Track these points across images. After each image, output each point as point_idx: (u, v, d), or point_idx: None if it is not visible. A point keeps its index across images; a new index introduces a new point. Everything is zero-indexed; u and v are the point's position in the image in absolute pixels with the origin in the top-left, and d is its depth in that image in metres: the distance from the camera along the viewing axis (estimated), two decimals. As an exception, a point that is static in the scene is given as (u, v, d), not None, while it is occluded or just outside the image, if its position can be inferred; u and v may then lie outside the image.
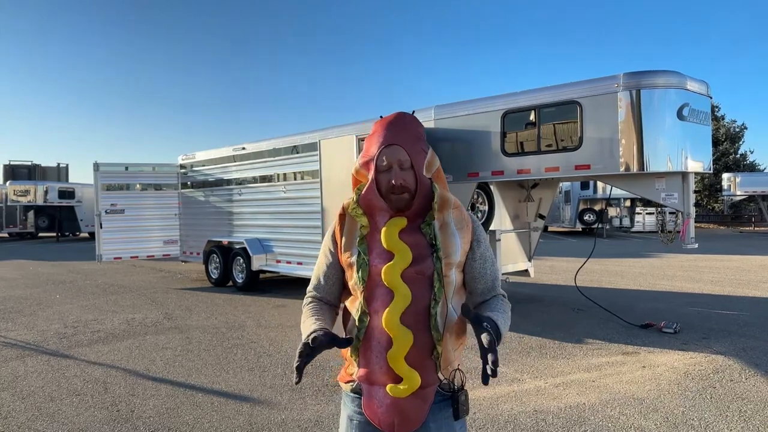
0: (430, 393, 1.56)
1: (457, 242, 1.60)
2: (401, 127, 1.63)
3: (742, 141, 36.58)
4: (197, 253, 11.00)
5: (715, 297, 8.51)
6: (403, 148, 1.59)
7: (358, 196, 1.65)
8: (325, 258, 1.72)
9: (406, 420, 1.53)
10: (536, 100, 6.25)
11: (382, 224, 1.61)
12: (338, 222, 1.68)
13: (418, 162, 1.60)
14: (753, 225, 29.84)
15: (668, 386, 4.47)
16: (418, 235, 1.59)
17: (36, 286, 10.84)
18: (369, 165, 1.63)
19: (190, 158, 11.38)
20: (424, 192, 1.60)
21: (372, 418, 1.57)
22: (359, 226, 1.64)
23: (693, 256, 14.16)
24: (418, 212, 1.61)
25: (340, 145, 8.05)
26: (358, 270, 1.59)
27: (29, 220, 27.01)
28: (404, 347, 1.52)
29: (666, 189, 5.83)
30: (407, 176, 1.58)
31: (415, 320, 1.53)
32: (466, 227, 1.63)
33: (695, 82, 5.93)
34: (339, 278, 1.71)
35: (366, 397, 1.59)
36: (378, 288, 1.57)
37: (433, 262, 1.56)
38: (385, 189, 1.59)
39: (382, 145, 1.60)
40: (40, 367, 5.29)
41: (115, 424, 3.89)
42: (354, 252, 1.62)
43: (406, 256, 1.55)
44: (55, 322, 7.35)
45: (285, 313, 7.71)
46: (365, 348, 1.58)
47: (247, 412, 4.08)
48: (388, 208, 1.61)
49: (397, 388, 1.53)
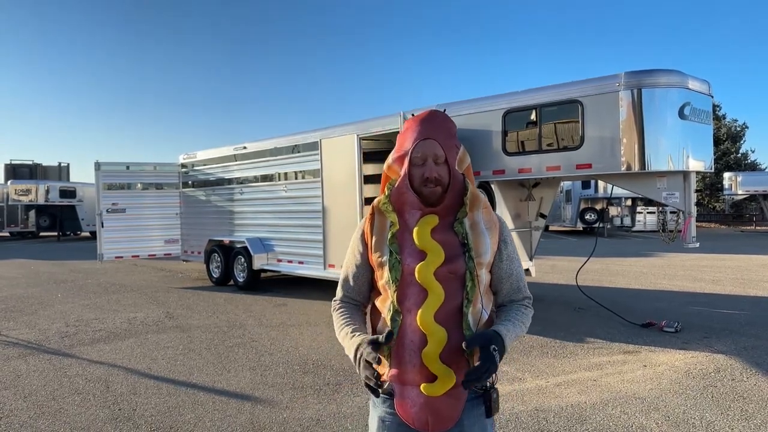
0: (464, 391, 1.56)
1: (487, 242, 1.61)
2: (436, 122, 1.65)
3: (743, 140, 36.56)
4: (198, 252, 11.00)
5: (716, 296, 8.51)
6: (438, 143, 1.60)
7: (390, 191, 1.65)
8: (353, 258, 1.72)
9: (440, 418, 1.54)
10: (537, 100, 6.25)
11: (412, 223, 1.61)
12: (368, 221, 1.68)
13: (452, 156, 1.61)
14: (754, 224, 29.81)
15: (669, 385, 4.47)
16: (450, 234, 1.60)
17: (37, 285, 10.86)
18: (403, 159, 1.63)
19: (191, 157, 11.38)
20: (456, 187, 1.61)
21: (405, 418, 1.57)
22: (389, 225, 1.64)
23: (694, 255, 14.15)
24: (449, 208, 1.61)
25: (341, 145, 8.05)
26: (391, 269, 1.59)
27: (30, 219, 27.03)
28: (439, 345, 1.52)
29: (667, 188, 5.83)
30: (441, 170, 1.59)
31: (447, 319, 1.54)
32: (494, 228, 1.64)
33: (696, 81, 5.93)
34: (368, 278, 1.71)
35: (398, 397, 1.59)
36: (410, 287, 1.57)
37: (465, 262, 1.57)
38: (419, 182, 1.59)
39: (418, 139, 1.61)
40: (42, 366, 5.30)
41: (117, 422, 3.90)
42: (385, 251, 1.61)
43: (439, 255, 1.56)
44: (57, 321, 7.36)
45: (286, 312, 7.72)
46: (397, 347, 1.58)
47: (248, 410, 4.08)
48: (419, 203, 1.61)
49: (432, 387, 1.53)
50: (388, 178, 1.70)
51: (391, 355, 1.59)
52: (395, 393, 1.60)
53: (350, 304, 1.75)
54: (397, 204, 1.63)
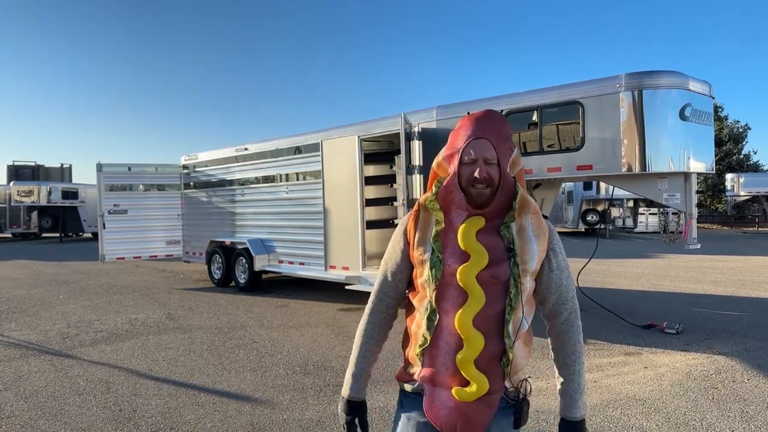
0: (496, 399, 1.53)
1: (534, 249, 1.55)
2: (490, 122, 1.59)
3: (745, 141, 36.61)
4: (200, 253, 11.01)
5: (717, 298, 8.50)
6: (490, 143, 1.55)
7: (437, 189, 1.60)
8: (394, 253, 1.67)
9: (469, 424, 1.51)
10: (538, 101, 6.25)
11: (458, 223, 1.56)
12: (413, 217, 1.63)
13: (504, 158, 1.56)
14: (756, 225, 29.76)
15: (670, 387, 4.46)
16: (495, 238, 1.54)
17: (39, 286, 10.88)
18: (453, 157, 1.58)
19: (193, 159, 11.40)
20: (506, 189, 1.55)
21: (434, 421, 1.54)
22: (434, 222, 1.59)
23: (695, 256, 14.12)
24: (497, 211, 1.55)
25: (342, 146, 8.05)
26: (432, 268, 1.54)
27: (33, 220, 27.08)
28: (476, 350, 1.49)
29: (668, 189, 5.83)
30: (492, 171, 1.53)
31: (486, 324, 1.50)
32: (543, 235, 1.58)
33: (697, 82, 5.93)
34: (407, 275, 1.67)
35: (428, 398, 1.55)
36: (450, 288, 1.53)
37: (510, 267, 1.52)
38: (467, 181, 1.54)
39: (470, 137, 1.56)
40: (43, 366, 5.31)
41: (118, 423, 3.90)
42: (428, 249, 1.57)
43: (483, 258, 1.51)
44: (58, 322, 7.38)
45: (287, 313, 7.73)
46: (432, 348, 1.54)
47: (248, 412, 4.09)
48: (466, 204, 1.55)
49: (464, 392, 1.50)
50: (436, 176, 1.64)
51: (425, 354, 1.56)
52: (425, 393, 1.56)
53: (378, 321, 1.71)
54: (444, 203, 1.58)
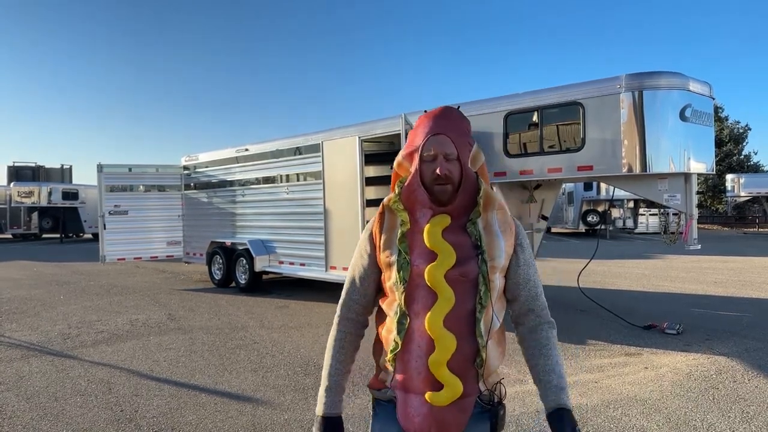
0: (470, 403, 1.49)
1: (501, 245, 1.53)
2: (448, 119, 1.56)
3: (745, 142, 36.62)
4: (200, 254, 11.02)
5: (718, 298, 8.50)
6: (449, 139, 1.52)
7: (400, 189, 1.57)
8: (360, 258, 1.64)
9: (444, 429, 1.47)
10: (539, 101, 6.26)
11: (423, 223, 1.53)
12: (377, 220, 1.60)
13: (464, 154, 1.53)
14: (757, 226, 29.73)
15: (671, 387, 4.46)
16: (462, 236, 1.51)
17: (40, 286, 10.88)
18: (413, 156, 1.56)
19: (193, 159, 11.41)
20: (468, 185, 1.53)
21: (407, 428, 1.49)
22: (399, 224, 1.56)
23: (696, 257, 14.12)
24: (462, 208, 1.53)
25: (343, 147, 8.05)
26: (399, 270, 1.51)
27: (33, 221, 27.08)
28: (448, 352, 1.44)
29: (668, 190, 5.83)
30: (452, 167, 1.51)
31: (457, 325, 1.46)
32: (510, 230, 1.57)
33: (698, 83, 5.93)
34: (375, 280, 1.62)
35: (401, 405, 1.51)
36: (419, 289, 1.49)
37: (478, 265, 1.49)
38: (429, 180, 1.51)
39: (429, 134, 1.53)
40: (45, 367, 5.32)
41: (119, 423, 3.91)
42: (394, 251, 1.53)
43: (450, 257, 1.48)
44: (59, 322, 7.38)
45: (288, 313, 7.73)
46: (404, 352, 1.50)
47: (249, 412, 4.09)
48: (430, 202, 1.53)
49: (437, 396, 1.45)
50: (398, 176, 1.62)
51: (396, 360, 1.52)
52: (398, 401, 1.52)
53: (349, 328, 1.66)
54: (408, 202, 1.55)
